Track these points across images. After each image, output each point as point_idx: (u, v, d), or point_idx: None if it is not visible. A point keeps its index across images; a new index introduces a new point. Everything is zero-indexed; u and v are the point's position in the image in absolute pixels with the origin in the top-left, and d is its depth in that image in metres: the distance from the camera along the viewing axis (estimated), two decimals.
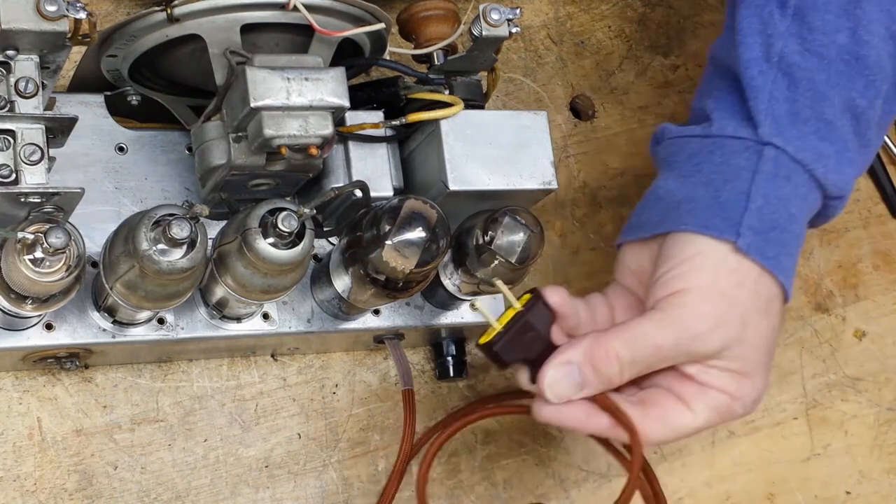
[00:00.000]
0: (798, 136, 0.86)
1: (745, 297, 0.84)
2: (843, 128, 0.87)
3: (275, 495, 0.93)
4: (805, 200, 0.87)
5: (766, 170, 0.86)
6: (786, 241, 0.85)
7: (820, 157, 0.86)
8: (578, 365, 0.83)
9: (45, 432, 0.89)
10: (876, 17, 0.87)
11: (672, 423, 0.84)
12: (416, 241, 0.83)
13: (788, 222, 0.85)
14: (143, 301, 0.80)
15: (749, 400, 0.85)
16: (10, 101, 0.76)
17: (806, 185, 0.86)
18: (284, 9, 0.82)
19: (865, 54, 0.87)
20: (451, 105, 0.89)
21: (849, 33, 0.87)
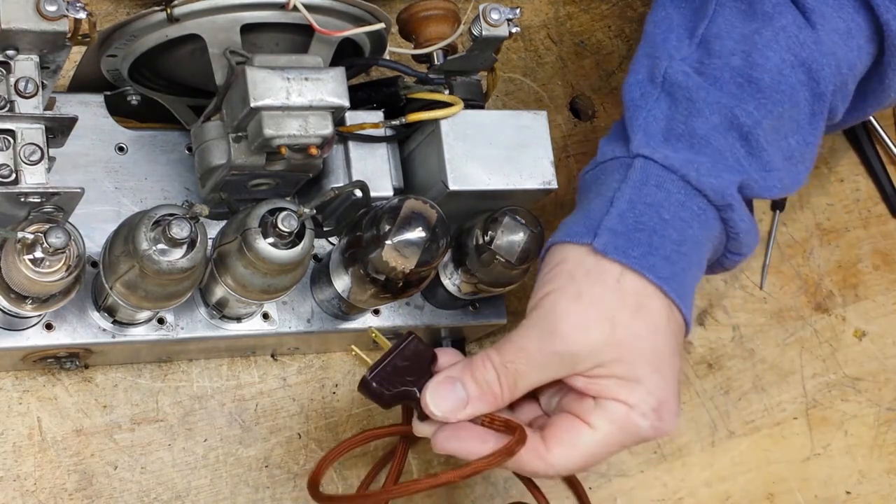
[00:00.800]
0: (669, 148, 0.86)
1: (605, 296, 0.83)
2: (720, 142, 0.87)
3: (275, 495, 0.93)
4: (684, 207, 0.85)
5: (633, 178, 0.86)
6: (657, 244, 0.84)
7: (691, 163, 0.85)
8: (459, 378, 0.83)
9: (45, 432, 0.89)
10: (776, 42, 0.87)
11: (573, 442, 0.82)
12: (416, 241, 0.83)
13: (660, 225, 0.84)
14: (143, 301, 0.81)
15: (647, 408, 0.82)
16: (10, 101, 0.77)
17: (681, 191, 0.85)
18: (284, 9, 0.82)
19: (758, 77, 0.87)
20: (451, 105, 0.89)
21: (743, 56, 0.87)
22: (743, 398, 1.08)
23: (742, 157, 0.87)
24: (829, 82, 0.88)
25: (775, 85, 0.87)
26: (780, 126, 0.88)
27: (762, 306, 1.10)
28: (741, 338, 1.09)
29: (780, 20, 0.88)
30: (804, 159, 0.89)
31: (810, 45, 0.88)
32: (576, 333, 0.82)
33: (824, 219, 1.15)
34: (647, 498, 1.03)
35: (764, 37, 0.87)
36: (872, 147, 1.18)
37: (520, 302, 1.03)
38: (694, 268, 0.86)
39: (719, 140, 0.86)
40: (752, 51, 0.87)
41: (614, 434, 0.82)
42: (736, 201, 0.86)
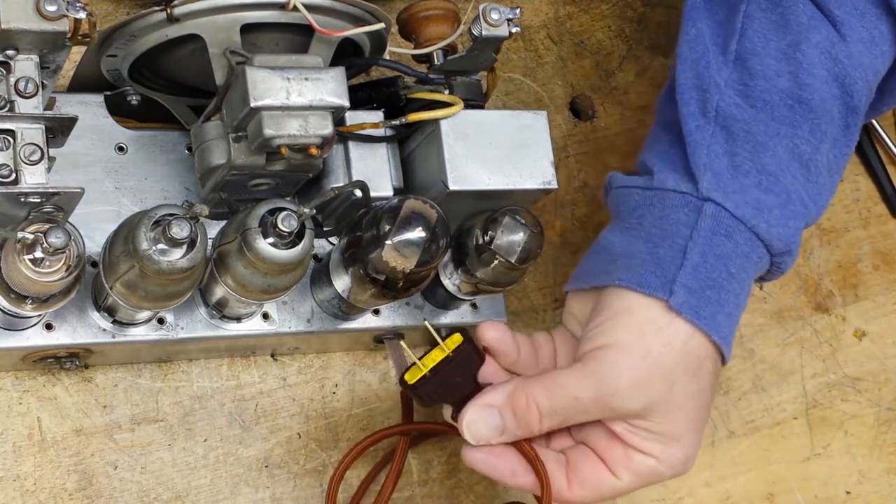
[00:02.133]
0: (738, 191, 0.85)
1: (672, 357, 0.82)
2: (787, 177, 0.86)
3: (275, 495, 0.93)
4: (748, 259, 0.85)
5: (705, 227, 0.84)
6: (723, 301, 0.83)
7: (761, 212, 0.84)
8: (499, 409, 0.83)
9: (45, 432, 0.89)
10: (817, 59, 0.86)
11: (595, 486, 0.84)
12: (416, 240, 0.83)
13: (727, 281, 0.83)
14: (142, 301, 0.80)
15: (676, 461, 0.84)
16: (10, 101, 0.76)
17: (748, 242, 0.84)
18: (284, 9, 0.82)
19: (808, 97, 0.86)
20: (451, 105, 0.89)
21: (790, 77, 0.86)
22: (743, 398, 1.08)
23: (803, 188, 0.85)
24: (862, 94, 0.87)
25: (822, 104, 0.86)
26: (825, 144, 0.87)
27: (762, 306, 1.10)
28: (741, 338, 1.09)
29: (816, 35, 0.86)
30: (839, 171, 0.89)
31: (843, 59, 0.86)
32: (636, 392, 0.82)
33: (824, 219, 1.15)
34: (647, 498, 1.03)
35: (807, 55, 0.86)
36: (872, 147, 1.18)
37: (520, 302, 1.03)
38: (740, 313, 0.86)
39: (787, 177, 0.85)
40: (797, 70, 0.86)
41: (636, 484, 0.84)
42: (796, 246, 0.86)
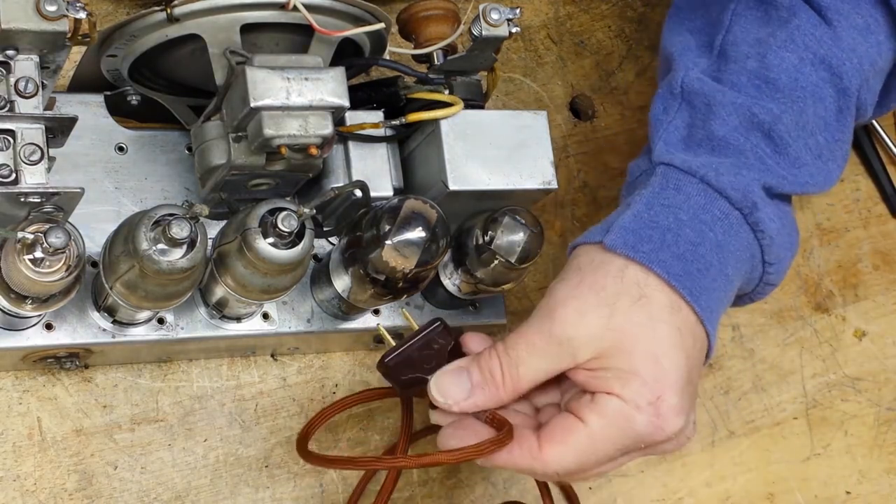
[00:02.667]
0: (688, 153, 0.87)
1: (607, 283, 0.82)
2: (740, 142, 0.87)
3: (275, 495, 0.93)
4: (705, 210, 0.85)
5: (653, 183, 0.86)
6: (669, 242, 0.83)
7: (710, 165, 0.86)
8: (466, 367, 0.83)
9: (45, 432, 0.89)
10: (789, 43, 0.88)
11: (565, 439, 0.81)
12: (416, 240, 0.84)
13: (676, 225, 0.84)
14: (143, 301, 0.81)
15: (643, 401, 0.80)
16: (10, 101, 0.76)
17: (701, 193, 0.85)
18: (284, 9, 0.82)
19: (775, 77, 0.88)
20: (451, 105, 0.89)
21: (758, 59, 0.89)
22: (743, 398, 1.08)
23: (768, 156, 0.87)
24: (853, 77, 0.88)
25: (793, 83, 0.87)
26: (804, 123, 0.88)
27: (762, 306, 1.10)
28: (741, 338, 1.09)
29: (795, 21, 0.89)
30: (834, 156, 0.89)
31: (828, 41, 0.88)
32: (573, 317, 0.81)
33: (824, 219, 1.15)
34: (647, 498, 1.03)
35: (778, 38, 0.88)
36: (872, 147, 1.18)
37: (520, 302, 1.03)
38: (714, 272, 0.84)
39: (740, 140, 0.87)
40: (766, 52, 0.88)
41: (606, 429, 0.81)
42: (760, 199, 0.85)
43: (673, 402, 0.80)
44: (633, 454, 0.83)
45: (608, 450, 0.81)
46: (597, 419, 0.81)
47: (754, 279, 0.89)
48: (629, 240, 0.83)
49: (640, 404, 0.80)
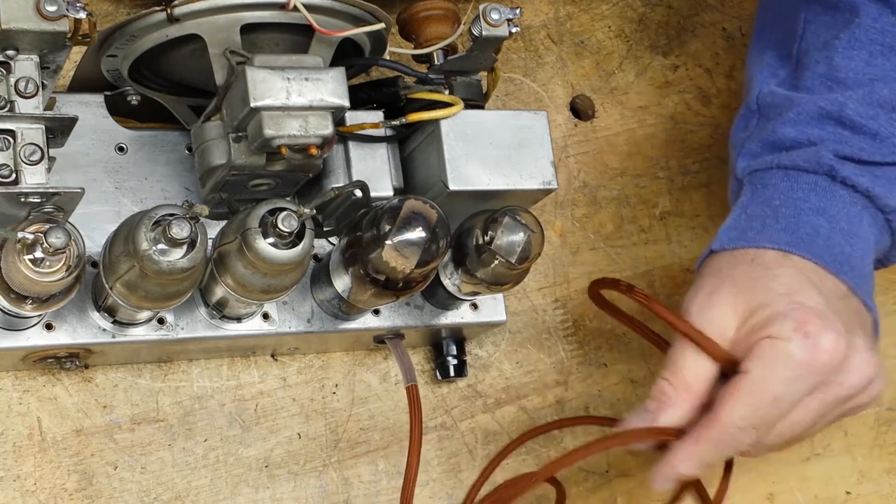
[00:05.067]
0: (767, 157, 0.91)
1: (722, 268, 0.87)
2: (813, 133, 0.90)
3: (275, 495, 0.93)
4: (794, 189, 0.88)
5: (745, 193, 0.92)
6: (769, 223, 0.87)
7: (787, 156, 0.90)
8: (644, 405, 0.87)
9: (45, 432, 0.89)
10: (854, 41, 0.91)
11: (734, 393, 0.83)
12: (416, 241, 0.83)
13: (772, 212, 0.88)
14: (143, 301, 0.80)
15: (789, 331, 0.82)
16: (10, 101, 0.77)
17: (784, 178, 0.89)
18: (284, 9, 0.82)
19: (843, 77, 0.91)
20: (451, 105, 0.89)
21: (826, 62, 0.92)
22: None
23: (845, 137, 0.89)
24: None
25: (862, 76, 0.90)
26: (880, 102, 0.90)
27: None
28: None
29: (857, 19, 0.91)
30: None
31: (892, 29, 0.90)
32: (704, 302, 0.85)
33: None
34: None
35: (843, 40, 0.91)
36: None
37: (520, 302, 1.03)
38: (825, 231, 0.86)
39: (813, 132, 0.89)
40: (833, 55, 0.91)
41: (767, 369, 0.82)
42: (836, 162, 0.88)
43: (819, 323, 0.82)
44: (822, 396, 0.83)
45: (780, 390, 0.82)
46: (754, 364, 0.82)
47: (883, 232, 0.91)
48: (732, 236, 0.88)
49: (787, 334, 0.81)
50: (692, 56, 1.15)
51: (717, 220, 1.10)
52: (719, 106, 1.14)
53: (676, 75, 1.14)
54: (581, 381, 1.04)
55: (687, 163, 1.12)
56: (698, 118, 1.14)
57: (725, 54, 1.16)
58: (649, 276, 1.07)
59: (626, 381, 1.05)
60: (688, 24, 1.16)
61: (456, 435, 0.99)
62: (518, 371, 1.02)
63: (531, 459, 1.01)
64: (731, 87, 1.15)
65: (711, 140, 1.13)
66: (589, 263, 1.06)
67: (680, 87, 1.14)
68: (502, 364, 1.02)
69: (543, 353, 1.03)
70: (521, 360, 1.03)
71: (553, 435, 1.02)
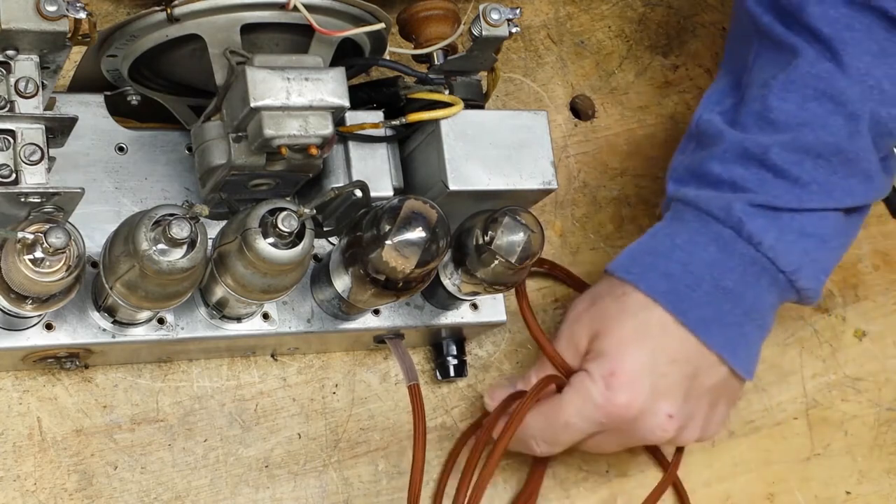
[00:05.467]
0: (693, 187, 0.95)
1: (598, 289, 0.96)
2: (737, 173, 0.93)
3: (275, 495, 0.93)
4: (700, 233, 0.92)
5: (666, 217, 0.97)
6: (659, 264, 0.93)
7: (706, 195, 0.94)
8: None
9: (45, 432, 0.89)
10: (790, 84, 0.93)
11: (541, 406, 0.93)
12: (416, 241, 0.83)
13: (669, 249, 0.93)
14: (143, 301, 0.80)
15: (598, 374, 0.91)
16: (10, 101, 0.76)
17: (697, 219, 0.93)
18: (284, 9, 0.82)
19: (774, 118, 0.93)
20: (451, 105, 0.89)
21: (760, 101, 0.94)
22: (743, 398, 1.08)
23: (767, 180, 0.92)
24: (861, 102, 0.92)
25: (791, 119, 0.92)
26: (805, 148, 0.92)
27: None
28: None
29: (796, 60, 0.92)
30: (854, 173, 0.93)
31: (828, 74, 0.92)
32: (571, 317, 0.95)
33: None
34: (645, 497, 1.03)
35: (779, 80, 0.93)
36: None
37: None
38: (707, 286, 0.92)
39: (737, 172, 0.92)
40: (767, 95, 0.93)
41: (570, 396, 0.92)
42: (746, 214, 0.91)
43: (624, 380, 0.91)
44: (617, 436, 0.93)
45: (572, 419, 0.92)
46: (567, 389, 0.93)
47: (785, 289, 0.94)
48: (625, 264, 0.94)
49: (596, 376, 0.91)
50: (692, 56, 1.15)
51: None
52: None
53: (676, 75, 1.14)
54: None
55: None
56: None
57: None
58: None
59: None
60: (688, 24, 1.16)
61: (456, 435, 0.99)
62: (518, 371, 1.02)
63: (531, 458, 1.01)
64: None
65: None
66: (589, 263, 1.06)
67: (680, 87, 1.14)
68: (502, 364, 1.02)
69: None
70: (521, 360, 1.03)
71: None
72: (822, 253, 0.93)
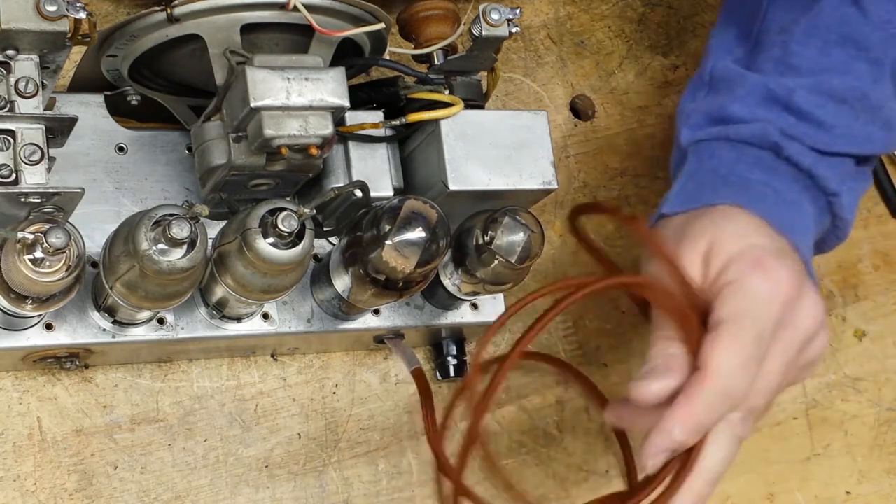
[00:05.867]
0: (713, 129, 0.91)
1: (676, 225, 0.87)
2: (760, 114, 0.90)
3: (275, 495, 0.93)
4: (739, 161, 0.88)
5: (690, 162, 0.91)
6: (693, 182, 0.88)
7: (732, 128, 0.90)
8: None
9: (45, 432, 0.89)
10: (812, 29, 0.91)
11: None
12: (416, 241, 0.84)
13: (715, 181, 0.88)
14: (143, 301, 0.81)
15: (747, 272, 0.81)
16: (10, 101, 0.77)
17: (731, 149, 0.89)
18: (284, 9, 0.82)
19: (797, 63, 0.91)
20: (451, 105, 0.89)
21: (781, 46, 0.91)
22: None
23: (791, 124, 0.89)
24: (885, 48, 0.90)
25: (815, 65, 0.90)
26: (828, 93, 0.89)
27: None
28: None
29: (818, 5, 0.91)
30: (874, 120, 0.91)
31: (852, 20, 0.90)
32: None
33: None
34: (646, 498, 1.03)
35: (801, 25, 0.91)
36: None
37: None
38: (773, 198, 0.86)
39: (760, 114, 0.89)
40: (789, 41, 0.91)
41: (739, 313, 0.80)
42: (782, 139, 0.88)
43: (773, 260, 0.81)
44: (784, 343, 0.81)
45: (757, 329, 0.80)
46: (725, 312, 0.80)
47: (822, 212, 0.90)
48: (682, 199, 0.86)
49: (746, 273, 0.80)
50: (692, 56, 1.15)
51: None
52: None
53: (676, 75, 1.14)
54: None
55: None
56: None
57: None
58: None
59: (626, 380, 1.05)
60: (688, 24, 1.16)
61: (456, 435, 0.99)
62: (518, 371, 1.02)
63: (531, 459, 1.01)
64: None
65: None
66: (589, 263, 1.06)
67: (680, 88, 1.14)
68: None
69: None
70: None
71: (553, 434, 1.02)
72: (850, 194, 0.91)
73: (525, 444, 1.01)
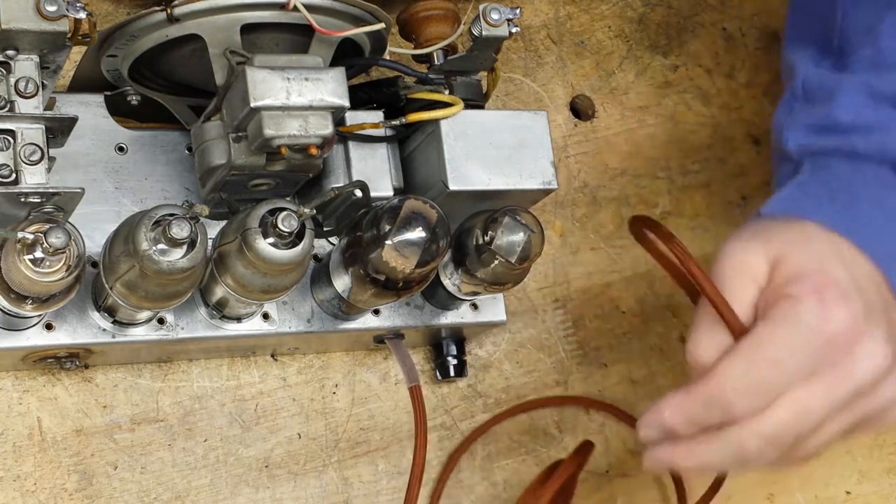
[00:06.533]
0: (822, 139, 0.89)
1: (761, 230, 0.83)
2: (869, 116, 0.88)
3: (275, 495, 0.93)
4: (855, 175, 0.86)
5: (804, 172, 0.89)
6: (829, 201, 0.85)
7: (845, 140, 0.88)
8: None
9: (45, 432, 0.89)
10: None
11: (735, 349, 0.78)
12: (416, 241, 0.84)
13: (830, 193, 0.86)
14: (143, 301, 0.81)
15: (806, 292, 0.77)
16: (10, 101, 0.76)
17: (846, 163, 0.87)
18: (284, 9, 0.82)
19: (893, 61, 0.89)
20: (451, 105, 0.89)
21: (871, 46, 0.89)
22: None
23: (871, 110, 0.87)
24: None
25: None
26: None
27: None
28: None
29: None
30: None
31: None
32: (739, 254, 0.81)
33: None
34: (647, 498, 1.03)
35: (887, 22, 0.89)
36: None
37: (520, 302, 1.03)
38: (880, 220, 0.83)
39: (869, 115, 0.87)
40: (877, 39, 0.89)
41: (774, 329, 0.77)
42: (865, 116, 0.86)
43: (837, 293, 0.77)
44: (829, 384, 0.77)
45: (780, 354, 0.76)
46: (763, 322, 0.77)
47: None
48: (783, 205, 0.84)
49: (803, 295, 0.77)
50: (692, 56, 1.15)
51: (718, 219, 1.10)
52: (719, 106, 1.14)
53: (676, 75, 1.14)
54: (581, 381, 1.04)
55: (687, 163, 1.12)
56: (698, 118, 1.14)
57: (725, 54, 1.16)
58: (649, 276, 1.07)
59: (626, 381, 1.05)
60: (688, 24, 1.16)
61: (456, 435, 0.99)
62: (518, 371, 1.02)
63: (531, 459, 1.01)
64: (731, 87, 1.15)
65: (711, 140, 1.13)
66: (589, 263, 1.06)
67: (680, 87, 1.14)
68: (502, 364, 1.02)
69: (543, 353, 1.03)
70: (521, 360, 1.03)
71: (553, 434, 1.02)
72: None
73: (525, 444, 1.01)
